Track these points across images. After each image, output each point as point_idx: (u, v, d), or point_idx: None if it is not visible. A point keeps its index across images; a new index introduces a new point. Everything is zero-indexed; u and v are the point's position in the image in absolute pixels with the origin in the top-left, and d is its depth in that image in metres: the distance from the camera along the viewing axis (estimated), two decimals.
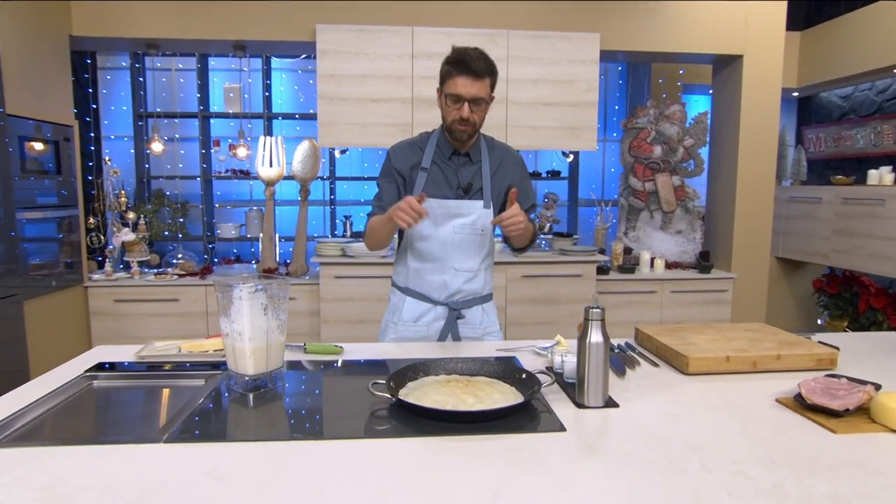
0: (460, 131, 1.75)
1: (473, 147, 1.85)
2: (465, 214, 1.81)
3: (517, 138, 3.79)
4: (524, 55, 3.71)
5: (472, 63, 1.68)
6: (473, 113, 1.72)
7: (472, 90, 1.69)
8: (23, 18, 3.14)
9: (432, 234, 1.81)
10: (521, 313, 3.78)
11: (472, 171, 1.84)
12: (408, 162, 1.84)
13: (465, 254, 1.83)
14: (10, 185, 2.96)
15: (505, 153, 1.91)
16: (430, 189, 1.81)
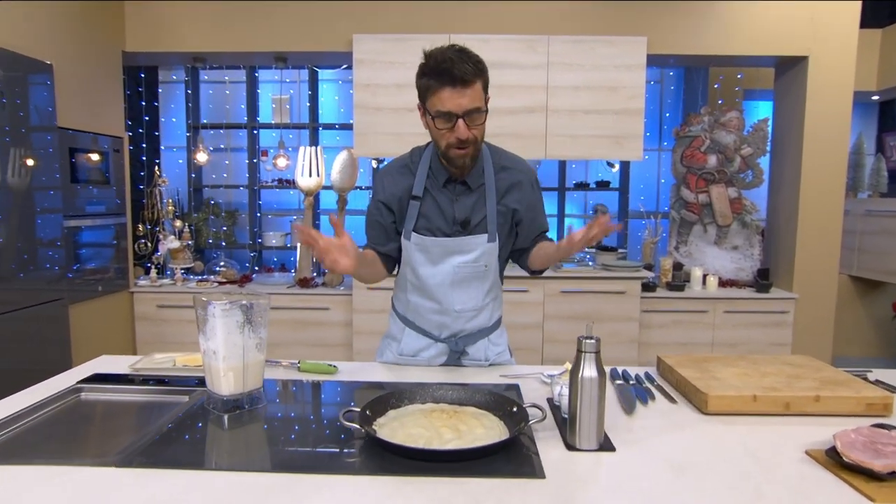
0: (460, 157, 1.47)
1: (473, 172, 1.57)
2: (467, 251, 1.59)
3: (557, 148, 3.63)
4: (565, 61, 3.55)
5: (455, 68, 1.35)
6: (472, 129, 1.42)
7: (464, 102, 1.38)
8: (78, 35, 3.30)
9: (428, 273, 1.61)
10: (559, 331, 3.61)
11: (470, 201, 1.59)
12: (397, 189, 1.61)
13: (466, 293, 1.62)
14: (60, 193, 3.09)
15: (516, 173, 1.62)
16: (423, 224, 1.60)
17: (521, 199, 1.62)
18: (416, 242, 1.60)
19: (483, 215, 1.59)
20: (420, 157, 1.63)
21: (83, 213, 3.36)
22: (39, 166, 2.93)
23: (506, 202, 1.61)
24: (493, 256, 1.61)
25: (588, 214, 4.77)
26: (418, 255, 1.61)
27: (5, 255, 2.74)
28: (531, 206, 1.66)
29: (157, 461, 1.07)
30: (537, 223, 1.69)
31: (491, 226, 1.59)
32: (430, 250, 1.59)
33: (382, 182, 1.66)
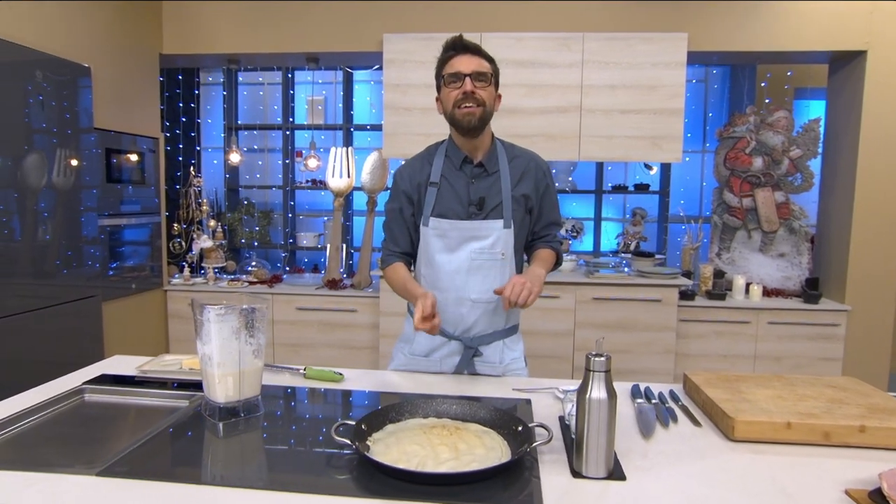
0: (467, 115, 1.54)
1: (489, 156, 1.64)
2: (482, 237, 1.59)
3: (591, 149, 3.50)
4: (600, 59, 3.42)
5: (466, 42, 1.57)
6: (477, 89, 1.54)
7: (472, 64, 1.54)
8: (116, 38, 3.37)
9: (444, 260, 1.61)
10: (590, 339, 3.47)
11: (487, 183, 1.62)
12: (416, 179, 1.66)
13: (483, 282, 1.60)
14: (96, 193, 3.16)
15: (528, 162, 1.68)
16: (440, 208, 1.62)
17: (532, 186, 1.66)
18: (433, 227, 1.62)
19: (499, 200, 1.62)
20: (437, 149, 1.70)
21: (119, 213, 3.43)
22: (77, 166, 3.00)
23: (519, 189, 1.64)
24: (510, 244, 1.62)
25: (626, 218, 4.60)
26: (435, 242, 1.62)
27: (43, 252, 2.81)
28: (542, 194, 1.69)
29: (139, 471, 1.03)
30: (546, 212, 1.72)
31: (506, 211, 1.61)
32: (448, 235, 1.61)
33: (402, 175, 1.71)
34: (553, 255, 1.73)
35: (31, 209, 2.75)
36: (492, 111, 1.60)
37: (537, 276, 1.55)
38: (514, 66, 3.48)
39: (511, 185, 1.62)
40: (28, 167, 2.71)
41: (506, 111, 3.50)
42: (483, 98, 1.54)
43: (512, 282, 1.47)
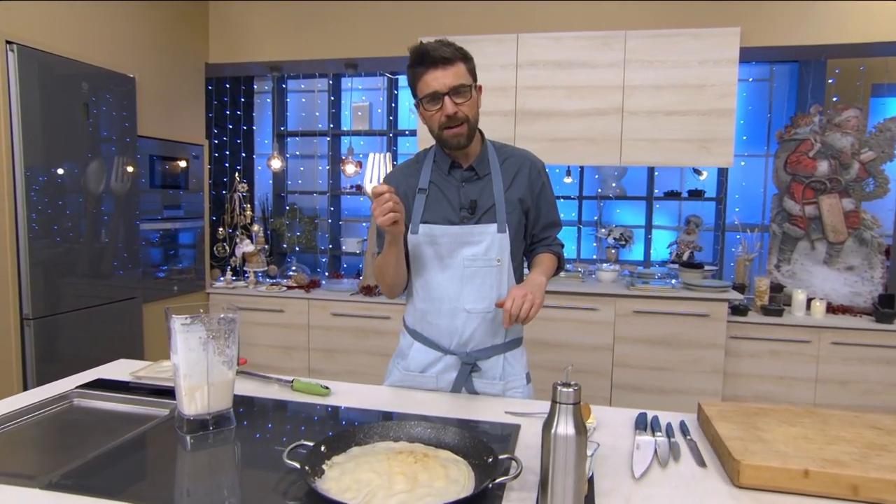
0: (454, 136, 1.44)
1: (479, 159, 1.54)
2: (475, 242, 1.49)
3: (633, 153, 3.30)
4: (643, 58, 3.23)
5: (433, 52, 1.39)
6: (459, 106, 1.41)
7: (447, 80, 1.39)
8: (162, 49, 3.49)
9: (436, 269, 1.52)
10: (630, 355, 3.27)
11: (478, 186, 1.53)
12: (402, 187, 1.57)
13: (478, 291, 1.50)
14: (140, 198, 3.28)
15: (521, 161, 1.57)
16: (430, 214, 1.53)
17: (527, 187, 1.56)
18: (423, 234, 1.52)
19: (491, 203, 1.52)
20: (426, 155, 1.61)
21: (162, 217, 3.54)
22: (121, 173, 3.12)
23: (513, 190, 1.54)
24: (505, 250, 1.51)
25: (680, 226, 4.34)
26: (426, 250, 1.53)
27: (88, 254, 2.93)
28: (538, 194, 1.59)
29: (84, 486, 1.00)
30: (543, 213, 1.61)
31: (500, 215, 1.51)
32: (439, 241, 1.51)
33: (389, 182, 1.60)
34: (554, 259, 1.61)
35: (79, 215, 2.87)
36: (477, 117, 1.49)
37: (538, 286, 1.43)
38: (552, 67, 3.34)
39: (504, 187, 1.52)
40: (75, 175, 2.83)
41: (544, 114, 3.37)
42: (466, 113, 1.43)
43: (512, 294, 1.36)
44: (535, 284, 1.43)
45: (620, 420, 1.35)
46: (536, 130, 3.40)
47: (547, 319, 3.34)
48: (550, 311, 3.33)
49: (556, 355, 3.34)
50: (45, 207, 2.70)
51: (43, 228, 2.70)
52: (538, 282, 1.45)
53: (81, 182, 2.89)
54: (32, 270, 2.65)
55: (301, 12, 3.81)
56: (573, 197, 4.14)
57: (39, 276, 2.69)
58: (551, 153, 3.40)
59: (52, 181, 2.73)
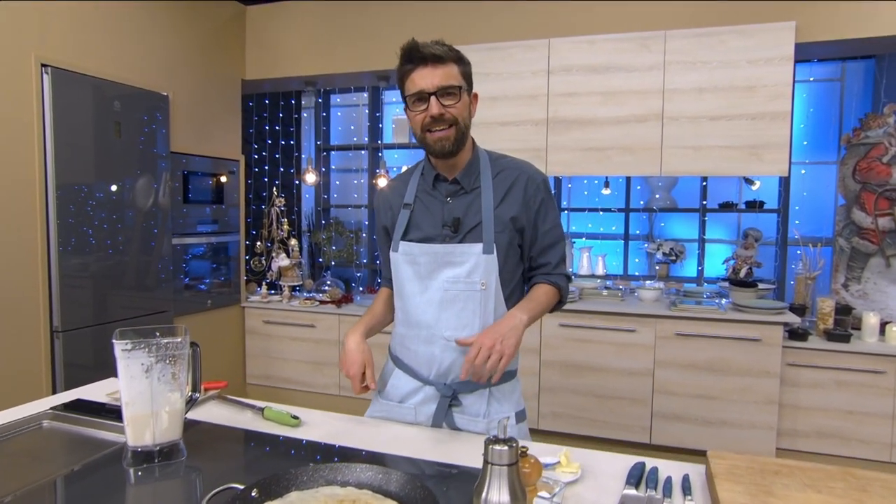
0: (438, 140, 1.31)
1: (466, 171, 1.39)
2: (457, 263, 1.34)
3: (675, 162, 3.06)
4: (685, 59, 2.99)
5: (423, 49, 1.29)
6: (447, 108, 1.28)
7: (436, 79, 1.28)
8: (197, 66, 3.57)
9: (415, 290, 1.38)
10: (672, 381, 3.00)
11: (464, 202, 1.38)
12: (390, 202, 1.47)
13: (458, 317, 1.34)
14: (173, 213, 3.34)
15: (516, 174, 1.40)
16: (412, 231, 1.40)
17: (521, 203, 1.39)
18: (403, 252, 1.40)
19: (478, 220, 1.36)
20: (415, 168, 1.48)
21: (195, 232, 3.60)
22: (153, 188, 3.18)
23: (504, 207, 1.38)
24: (492, 273, 1.34)
25: (738, 240, 4.00)
26: (406, 270, 1.40)
27: (119, 268, 2.99)
28: (535, 212, 1.40)
29: None
30: (541, 234, 1.42)
31: (487, 234, 1.34)
32: (418, 261, 1.38)
33: (378, 198, 1.54)
34: (552, 292, 1.42)
35: (109, 230, 2.93)
36: (468, 123, 1.35)
37: (511, 329, 1.26)
38: (586, 72, 3.15)
39: (495, 203, 1.36)
40: (106, 191, 2.91)
41: (577, 122, 3.18)
42: (455, 115, 1.30)
43: (479, 341, 1.23)
44: (509, 328, 1.26)
45: (612, 471, 1.16)
46: (570, 139, 3.22)
47: (581, 341, 3.12)
48: (585, 332, 3.11)
49: (591, 380, 3.12)
50: (76, 223, 2.77)
51: (74, 243, 2.77)
52: (513, 323, 1.27)
53: (113, 198, 2.96)
54: (62, 284, 2.72)
55: (335, 26, 3.81)
56: (614, 209, 3.90)
57: (69, 290, 2.76)
58: (586, 163, 3.21)
59: (83, 197, 2.81)
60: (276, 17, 3.94)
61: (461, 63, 1.33)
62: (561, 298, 1.46)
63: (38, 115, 2.62)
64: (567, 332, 3.15)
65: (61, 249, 2.71)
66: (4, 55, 2.50)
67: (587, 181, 3.93)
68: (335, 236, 4.71)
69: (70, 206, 2.75)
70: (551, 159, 3.26)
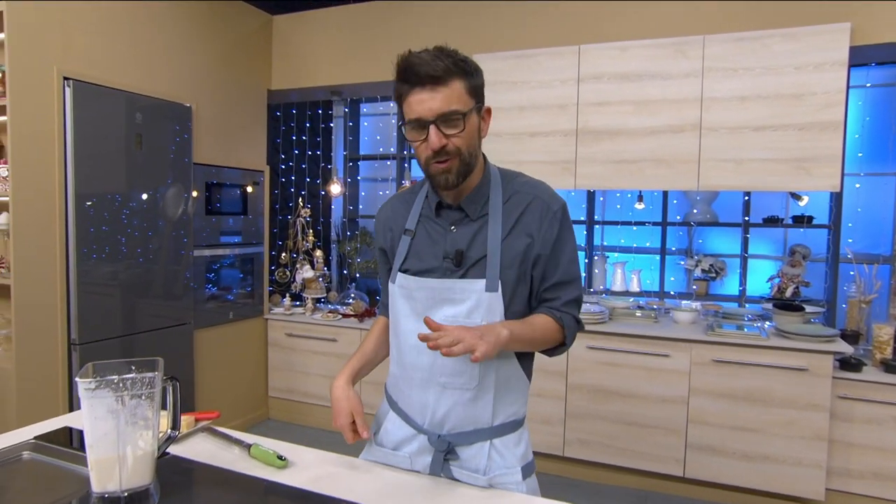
0: (440, 172, 1.16)
1: (472, 197, 1.23)
2: (457, 300, 1.20)
3: (713, 175, 2.86)
4: (725, 65, 2.79)
5: (421, 66, 1.11)
6: (450, 138, 1.13)
7: (435, 103, 1.11)
8: (221, 77, 3.55)
9: (410, 328, 1.24)
10: (709, 411, 2.79)
11: (469, 231, 1.23)
12: (390, 224, 1.34)
13: (456, 361, 1.20)
14: (195, 225, 3.32)
15: (530, 199, 1.23)
16: (411, 261, 1.27)
17: (536, 232, 1.22)
18: (399, 285, 1.27)
19: (483, 254, 1.20)
20: (421, 187, 1.34)
21: (218, 243, 3.57)
22: (175, 200, 3.17)
23: (514, 238, 1.21)
24: (495, 314, 1.19)
25: (784, 257, 3.74)
26: (402, 305, 1.27)
27: (139, 280, 2.98)
28: (553, 243, 1.22)
29: None
30: (551, 267, 1.23)
31: (491, 269, 1.18)
32: (414, 296, 1.24)
33: (378, 218, 1.40)
34: (552, 325, 1.23)
35: (130, 241, 2.92)
36: (475, 152, 1.19)
37: (494, 335, 1.08)
38: (618, 80, 2.98)
39: (502, 233, 1.21)
40: (126, 203, 2.90)
41: (608, 132, 3.02)
42: (459, 146, 1.14)
43: (453, 330, 1.06)
44: (487, 331, 1.08)
45: None
46: (600, 151, 3.05)
47: (610, 364, 2.95)
48: (614, 356, 2.94)
49: (620, 406, 2.93)
50: (95, 235, 2.77)
51: (93, 255, 2.76)
52: (494, 330, 1.10)
53: (133, 209, 2.95)
54: (81, 296, 2.71)
55: (360, 35, 3.75)
56: (649, 223, 3.70)
57: (88, 302, 2.75)
58: (617, 177, 3.03)
59: (103, 209, 2.80)
60: (303, 27, 3.91)
61: (469, 76, 1.15)
62: (563, 340, 1.27)
63: (60, 128, 2.62)
64: (595, 355, 2.97)
65: (80, 261, 2.71)
66: (28, 69, 2.51)
67: (619, 194, 3.75)
68: (362, 247, 4.65)
69: (90, 218, 2.74)
70: (580, 172, 3.10)
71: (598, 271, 3.79)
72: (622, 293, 3.70)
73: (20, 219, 2.51)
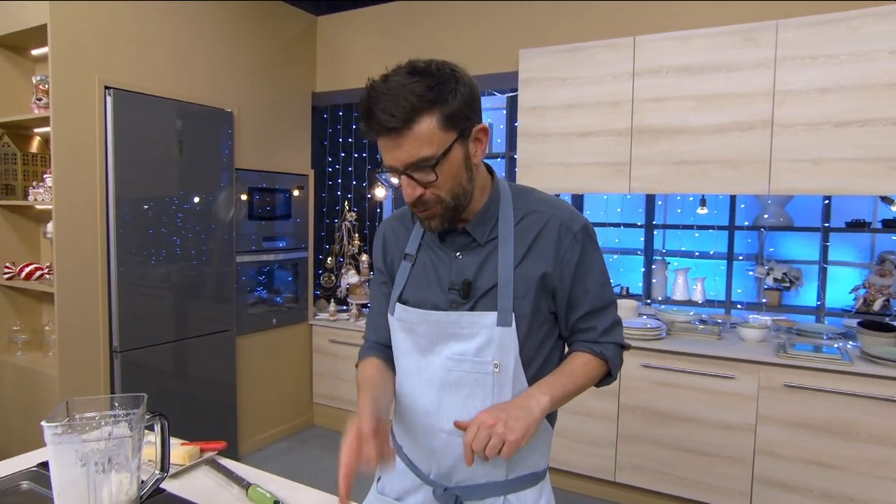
0: (426, 222, 1.04)
1: (479, 220, 1.08)
2: (464, 336, 1.05)
3: (787, 178, 2.55)
4: (802, 53, 2.47)
5: (379, 113, 0.93)
6: (426, 188, 0.98)
7: (400, 154, 0.95)
8: (266, 80, 3.52)
9: (412, 367, 1.10)
10: (780, 442, 2.49)
11: (478, 258, 1.07)
12: (390, 247, 1.19)
13: (463, 406, 1.05)
14: (234, 230, 3.30)
15: (546, 219, 1.07)
16: (411, 291, 1.12)
17: (553, 257, 1.06)
18: (399, 318, 1.12)
19: (493, 283, 1.04)
20: None
21: (261, 248, 3.55)
22: (217, 206, 3.16)
23: (530, 263, 1.05)
24: (509, 351, 1.03)
25: (872, 264, 3.35)
26: (403, 340, 1.12)
27: (180, 287, 2.98)
28: (573, 266, 1.06)
29: None
30: (578, 295, 1.07)
31: (503, 301, 1.02)
32: (416, 330, 1.09)
33: (377, 238, 1.25)
34: (595, 364, 1.09)
35: (171, 249, 2.93)
36: (463, 189, 1.01)
37: (524, 412, 0.95)
38: (678, 73, 2.72)
39: (515, 259, 1.05)
40: (168, 210, 2.90)
41: (666, 131, 2.76)
42: (437, 193, 0.99)
43: (478, 419, 0.93)
44: (520, 409, 0.95)
45: None
46: (658, 152, 2.80)
47: (666, 385, 2.69)
48: (671, 376, 2.68)
49: (678, 431, 2.68)
50: (137, 243, 2.78)
51: (135, 262, 2.78)
52: (527, 405, 0.97)
53: (174, 216, 2.95)
54: (122, 303, 2.73)
55: (405, 33, 3.63)
56: (714, 227, 3.39)
57: (129, 309, 2.76)
58: (677, 179, 2.77)
59: (143, 217, 2.81)
60: (347, 27, 3.83)
61: (441, 105, 0.94)
62: (609, 372, 1.12)
63: (101, 137, 2.64)
64: (650, 374, 2.73)
65: (122, 269, 2.72)
66: (71, 80, 2.53)
67: (680, 198, 3.46)
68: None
69: (131, 226, 2.75)
70: (635, 174, 2.85)
71: (656, 280, 3.52)
72: (684, 302, 3.41)
73: (63, 226, 2.54)
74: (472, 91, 0.99)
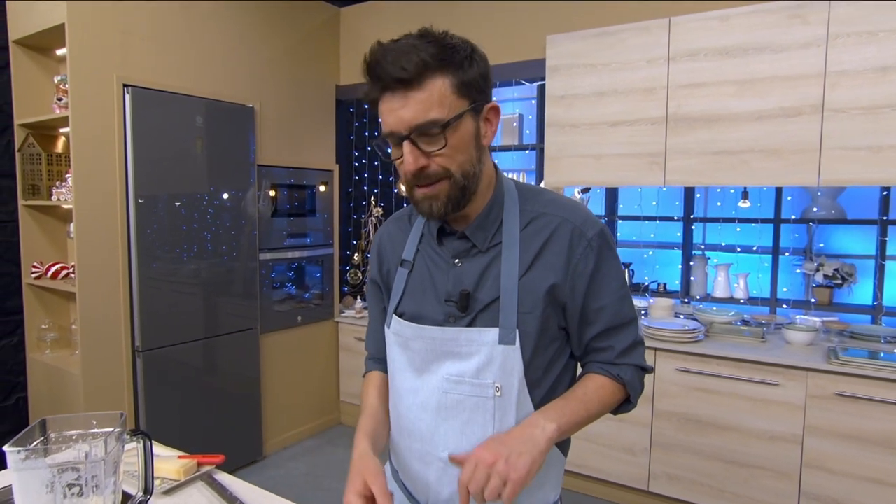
0: (422, 199, 0.91)
1: (480, 222, 0.96)
2: (462, 355, 0.93)
3: (838, 168, 2.33)
4: (857, 29, 2.24)
5: (385, 66, 0.83)
6: (431, 157, 0.86)
7: (407, 112, 0.84)
8: (288, 75, 3.46)
9: (407, 386, 1.00)
10: (830, 455, 2.29)
11: (477, 266, 0.96)
12: (386, 254, 1.09)
13: (461, 432, 0.94)
14: (260, 227, 3.26)
15: (556, 224, 0.95)
16: (408, 302, 1.01)
17: (563, 267, 0.93)
18: (394, 332, 1.02)
19: (495, 295, 0.93)
20: None
21: (285, 245, 3.50)
22: (238, 202, 3.12)
23: (536, 274, 0.93)
24: (513, 373, 0.91)
25: None
26: (398, 356, 1.02)
27: (203, 285, 2.96)
28: (587, 276, 0.93)
29: None
30: (592, 310, 0.94)
31: (506, 316, 0.91)
32: (411, 346, 0.98)
33: (374, 245, 1.14)
34: (609, 387, 0.96)
35: (193, 246, 2.90)
36: (472, 169, 0.90)
37: (526, 442, 0.84)
38: (717, 56, 2.52)
39: (520, 268, 0.93)
40: (188, 207, 2.88)
41: (704, 119, 2.57)
42: (445, 165, 0.88)
43: (474, 456, 0.82)
44: (523, 441, 0.84)
45: None
46: (695, 141, 2.61)
47: (704, 390, 2.52)
48: (710, 381, 2.51)
49: (717, 440, 2.51)
50: (158, 241, 2.76)
51: (156, 260, 2.76)
52: (531, 435, 0.85)
53: (195, 214, 2.92)
54: (143, 302, 2.72)
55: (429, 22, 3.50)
56: (757, 220, 3.17)
57: (150, 308, 2.75)
58: (715, 171, 2.58)
59: (164, 214, 2.79)
60: (371, 18, 3.74)
61: (457, 69, 0.86)
62: (628, 397, 0.99)
63: (120, 135, 2.62)
64: (687, 380, 2.56)
65: (143, 266, 2.71)
66: (89, 79, 2.52)
67: (720, 190, 3.24)
68: None
69: (151, 224, 2.73)
70: (671, 166, 2.67)
71: (695, 277, 3.32)
72: (726, 300, 3.21)
73: (83, 225, 2.53)
74: (488, 67, 0.91)
